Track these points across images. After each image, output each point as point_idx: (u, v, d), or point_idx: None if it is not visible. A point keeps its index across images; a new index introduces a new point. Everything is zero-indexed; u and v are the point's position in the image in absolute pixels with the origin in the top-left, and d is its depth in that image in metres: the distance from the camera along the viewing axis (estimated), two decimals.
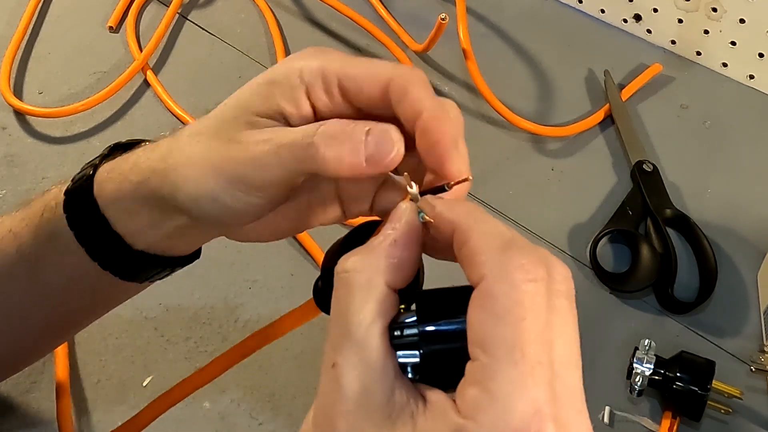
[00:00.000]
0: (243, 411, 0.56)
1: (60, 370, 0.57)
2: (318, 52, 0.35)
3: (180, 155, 0.36)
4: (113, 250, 0.39)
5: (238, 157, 0.34)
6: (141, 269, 0.41)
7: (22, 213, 0.42)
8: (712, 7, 0.72)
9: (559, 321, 0.26)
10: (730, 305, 0.61)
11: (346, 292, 0.28)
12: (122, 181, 0.38)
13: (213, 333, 0.60)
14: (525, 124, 0.72)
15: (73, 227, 0.39)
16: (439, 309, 0.29)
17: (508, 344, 0.25)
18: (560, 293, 0.27)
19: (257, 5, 0.83)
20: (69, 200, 0.39)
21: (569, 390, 0.26)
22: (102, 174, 0.39)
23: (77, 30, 0.82)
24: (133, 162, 0.38)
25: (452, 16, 0.73)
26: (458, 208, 0.30)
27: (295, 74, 0.34)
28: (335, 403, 0.27)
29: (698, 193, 0.67)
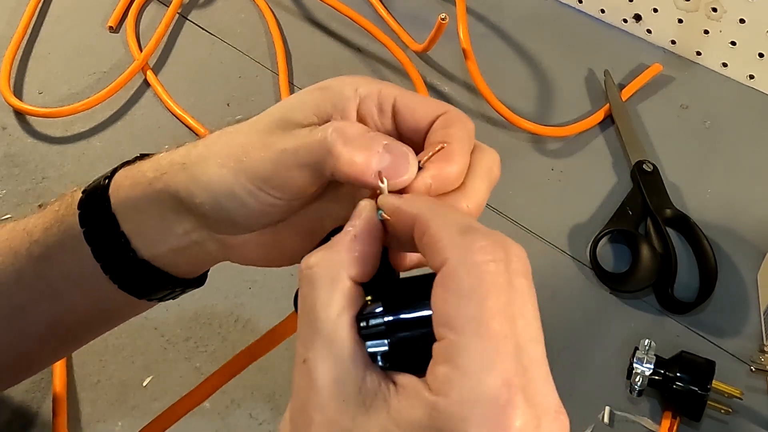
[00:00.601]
0: (243, 411, 0.56)
1: (58, 385, 0.56)
2: (375, 79, 0.36)
3: (204, 149, 0.36)
4: (118, 254, 0.39)
5: (260, 155, 0.34)
6: (143, 281, 0.40)
7: (40, 212, 0.42)
8: (712, 7, 0.72)
9: (520, 298, 0.27)
10: (730, 305, 0.61)
11: (311, 288, 0.29)
12: (138, 178, 0.38)
13: (213, 333, 0.60)
14: (525, 124, 0.72)
15: (83, 224, 0.39)
16: (403, 297, 0.29)
17: (474, 321, 0.26)
18: (519, 272, 0.28)
19: (257, 5, 0.83)
20: (84, 198, 0.39)
21: (535, 361, 0.27)
22: (121, 173, 0.39)
23: (77, 30, 0.82)
24: (153, 159, 0.38)
25: (452, 16, 0.73)
26: (417, 201, 0.30)
27: (351, 87, 0.34)
28: (309, 397, 0.28)
29: (698, 193, 0.67)
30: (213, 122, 0.73)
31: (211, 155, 0.35)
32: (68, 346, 0.54)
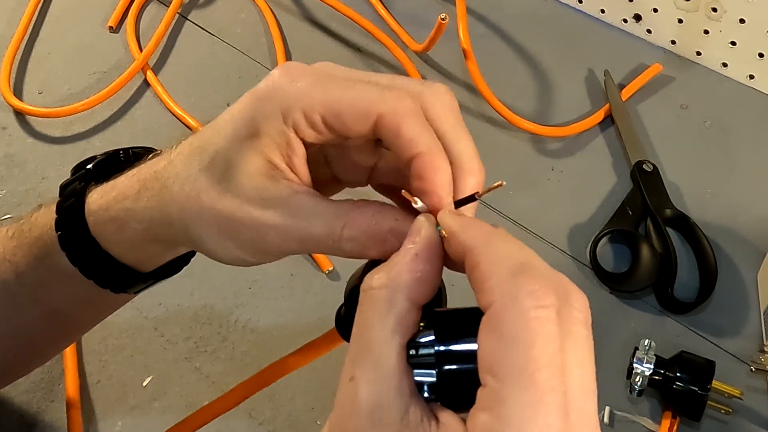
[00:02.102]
0: (243, 411, 0.56)
1: (70, 387, 0.56)
2: (293, 77, 0.33)
3: (186, 213, 0.35)
4: (123, 278, 0.39)
5: (256, 236, 0.33)
6: (142, 282, 0.41)
7: (13, 240, 0.41)
8: (712, 7, 0.72)
9: (575, 348, 0.26)
10: (730, 305, 0.61)
11: (369, 308, 0.28)
12: (123, 225, 0.37)
13: (213, 333, 0.60)
14: (525, 124, 0.71)
15: (76, 263, 0.39)
16: (456, 329, 0.28)
17: (518, 370, 0.25)
18: (577, 320, 0.27)
19: (257, 5, 0.83)
20: (64, 236, 0.38)
21: (584, 417, 0.26)
22: (94, 208, 0.38)
23: (77, 30, 0.82)
24: (127, 208, 0.37)
25: (452, 16, 0.73)
26: (472, 229, 0.29)
27: (279, 121, 0.32)
28: (350, 417, 0.27)
29: (698, 193, 0.67)
30: None
31: (202, 223, 0.34)
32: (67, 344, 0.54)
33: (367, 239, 0.31)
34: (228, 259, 0.35)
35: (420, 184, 0.31)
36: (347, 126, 0.32)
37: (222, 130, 0.34)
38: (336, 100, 0.32)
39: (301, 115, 0.32)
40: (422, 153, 0.31)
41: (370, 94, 0.32)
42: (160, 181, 0.36)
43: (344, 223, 0.32)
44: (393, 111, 0.31)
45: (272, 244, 0.33)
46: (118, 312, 0.57)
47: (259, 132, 0.33)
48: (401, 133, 0.31)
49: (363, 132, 0.32)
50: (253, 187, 0.33)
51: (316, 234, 0.32)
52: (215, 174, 0.34)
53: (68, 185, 0.40)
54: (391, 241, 0.31)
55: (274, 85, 0.33)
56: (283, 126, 0.32)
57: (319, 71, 0.33)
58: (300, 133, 0.33)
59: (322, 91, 0.32)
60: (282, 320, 0.60)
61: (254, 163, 0.33)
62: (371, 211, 0.32)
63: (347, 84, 0.32)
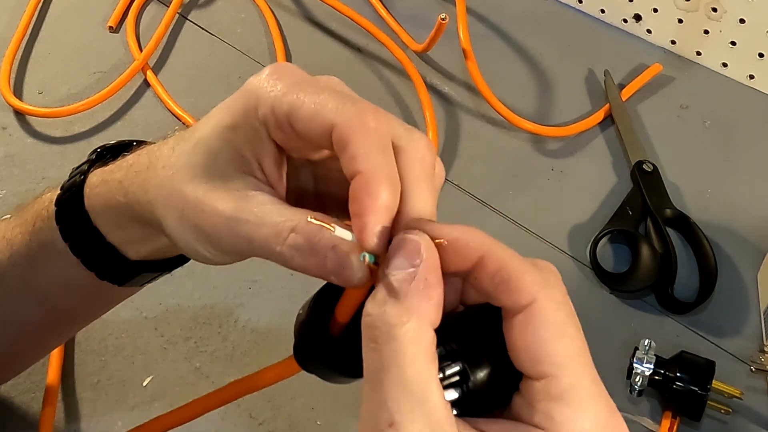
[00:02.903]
0: (243, 411, 0.56)
1: (51, 376, 0.56)
2: (279, 76, 0.32)
3: (159, 192, 0.34)
4: (108, 261, 0.39)
5: (209, 226, 0.32)
6: (138, 275, 0.41)
7: (15, 220, 0.42)
8: (712, 7, 0.72)
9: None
10: (730, 305, 0.61)
11: (397, 346, 0.26)
12: (110, 197, 0.37)
13: (213, 333, 0.60)
14: (525, 124, 0.71)
15: (66, 239, 0.39)
16: (471, 339, 0.28)
17: (576, 357, 0.27)
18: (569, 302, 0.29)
19: (257, 5, 0.83)
20: (60, 211, 0.39)
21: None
22: (92, 183, 0.39)
23: (77, 30, 0.82)
24: (119, 180, 0.37)
25: (452, 16, 0.73)
26: (475, 235, 0.28)
27: (254, 116, 0.32)
28: None
29: (698, 193, 0.67)
30: None
31: (168, 207, 0.34)
32: (62, 339, 0.54)
33: (309, 250, 0.30)
34: (186, 250, 0.34)
35: (351, 206, 0.29)
36: (306, 132, 0.31)
37: (211, 117, 0.34)
38: (299, 102, 0.30)
39: (270, 112, 0.31)
40: (361, 173, 0.29)
41: (332, 103, 0.30)
42: (150, 156, 0.36)
43: (292, 227, 0.30)
44: (346, 123, 0.29)
45: (223, 240, 0.32)
46: (118, 312, 0.57)
47: (237, 124, 0.33)
48: (347, 148, 0.29)
49: (318, 140, 0.31)
50: (221, 176, 0.32)
51: (263, 235, 0.31)
52: (192, 157, 0.33)
53: (78, 167, 0.40)
54: (331, 259, 0.29)
55: (260, 80, 0.32)
56: (257, 122, 0.32)
57: (301, 76, 0.32)
58: (270, 131, 0.32)
59: (293, 92, 0.31)
60: (282, 320, 0.60)
61: (227, 152, 0.33)
62: (329, 221, 0.30)
63: (321, 91, 0.31)
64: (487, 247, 0.28)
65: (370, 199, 0.28)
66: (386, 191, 0.28)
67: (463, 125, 0.73)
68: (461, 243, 0.28)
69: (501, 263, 0.28)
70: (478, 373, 0.28)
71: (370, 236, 0.28)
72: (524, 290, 0.27)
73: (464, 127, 0.73)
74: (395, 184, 0.29)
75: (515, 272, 0.27)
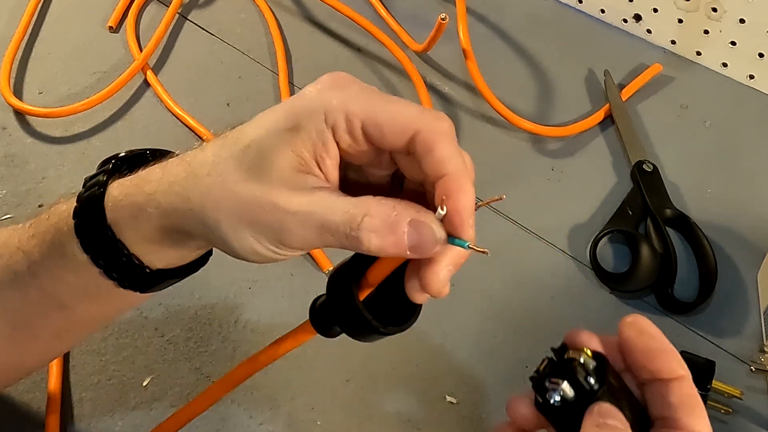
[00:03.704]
0: (243, 411, 0.56)
1: (53, 384, 0.56)
2: (340, 85, 0.35)
3: (206, 198, 0.35)
4: (131, 270, 0.39)
5: (275, 222, 0.34)
6: (161, 282, 0.41)
7: (30, 230, 0.41)
8: (712, 7, 0.72)
9: None
10: (730, 305, 0.61)
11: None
12: (138, 210, 0.37)
13: (213, 333, 0.60)
14: (525, 124, 0.72)
15: (88, 251, 0.38)
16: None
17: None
18: None
19: (257, 5, 0.83)
20: (80, 223, 0.39)
21: None
22: (113, 196, 0.38)
23: (77, 30, 0.82)
24: (148, 193, 0.37)
25: (452, 16, 0.73)
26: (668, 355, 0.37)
27: (320, 119, 0.34)
28: None
29: (698, 193, 0.67)
30: (213, 122, 0.73)
31: (223, 214, 0.35)
32: (79, 340, 0.54)
33: (386, 230, 0.33)
34: (243, 250, 0.35)
35: (445, 201, 0.33)
36: (385, 137, 0.34)
37: (262, 122, 0.35)
38: (379, 110, 0.34)
39: (342, 118, 0.34)
40: (450, 174, 0.33)
41: (410, 110, 0.34)
42: (187, 166, 0.36)
43: (365, 211, 0.33)
44: (429, 129, 0.34)
45: (291, 233, 0.34)
46: None
47: (299, 126, 0.34)
48: (434, 152, 0.34)
49: (398, 145, 0.34)
50: (279, 177, 0.34)
51: (336, 222, 0.33)
52: (244, 161, 0.34)
53: (93, 177, 0.40)
54: (410, 234, 0.33)
55: (321, 87, 0.35)
56: (323, 125, 0.34)
57: (366, 85, 0.35)
58: (337, 136, 0.34)
59: (366, 100, 0.34)
60: (282, 320, 0.60)
61: (286, 155, 0.34)
62: (392, 203, 0.33)
63: (390, 99, 0.34)
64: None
65: (464, 196, 0.33)
66: (472, 189, 0.34)
67: (463, 125, 0.73)
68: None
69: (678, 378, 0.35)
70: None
71: (468, 228, 0.33)
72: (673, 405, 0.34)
73: (464, 127, 0.73)
74: (472, 181, 0.34)
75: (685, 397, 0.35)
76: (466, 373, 0.57)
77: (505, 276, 0.62)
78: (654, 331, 0.36)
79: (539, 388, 0.34)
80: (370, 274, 0.36)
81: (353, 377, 0.57)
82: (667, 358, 0.36)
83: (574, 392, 0.33)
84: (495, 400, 0.56)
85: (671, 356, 0.36)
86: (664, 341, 0.36)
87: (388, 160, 0.36)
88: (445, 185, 0.33)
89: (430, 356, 0.58)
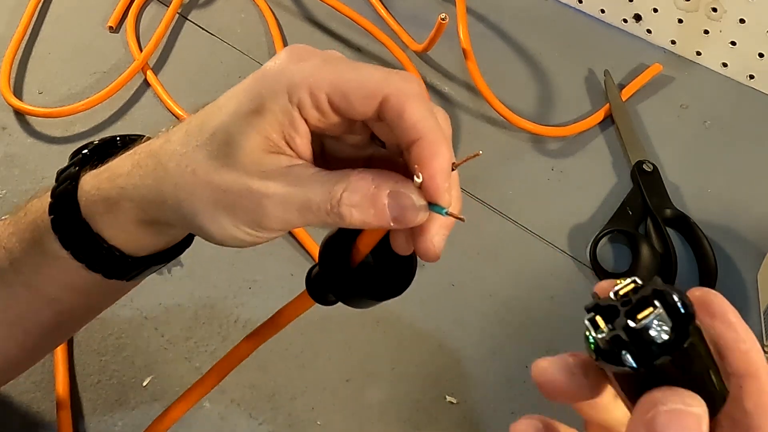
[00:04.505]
0: (243, 411, 0.56)
1: (60, 385, 0.56)
2: (301, 58, 0.33)
3: (180, 190, 0.35)
4: (114, 261, 0.39)
5: (253, 206, 0.33)
6: (146, 269, 0.41)
7: (10, 227, 0.41)
8: (712, 7, 0.72)
9: None
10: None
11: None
12: (112, 204, 0.37)
13: (213, 333, 0.60)
14: (525, 124, 0.72)
15: (67, 246, 0.38)
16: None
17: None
18: None
19: (257, 5, 0.83)
20: (56, 220, 0.38)
21: None
22: (86, 190, 0.38)
23: (77, 30, 0.82)
24: (120, 186, 0.37)
25: (452, 16, 0.73)
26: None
27: (284, 98, 0.33)
28: None
29: (698, 193, 0.67)
30: None
31: (198, 202, 0.34)
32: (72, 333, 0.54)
33: (366, 203, 0.32)
34: (223, 237, 0.35)
35: (419, 169, 0.32)
36: (353, 106, 0.32)
37: (224, 107, 0.34)
38: (343, 79, 0.32)
39: (307, 93, 0.32)
40: (423, 138, 0.32)
41: (376, 75, 0.33)
42: (155, 158, 0.36)
43: (344, 187, 0.32)
44: (398, 92, 0.32)
45: (271, 216, 0.33)
46: (118, 312, 0.57)
47: (264, 108, 0.33)
48: (405, 115, 0.32)
49: (368, 113, 0.33)
50: (251, 161, 0.33)
51: (316, 200, 0.32)
52: (213, 149, 0.34)
53: (65, 170, 0.40)
54: (391, 206, 0.32)
55: (281, 63, 0.34)
56: (288, 104, 0.33)
57: (326, 54, 0.34)
58: (304, 113, 0.33)
59: (329, 71, 0.33)
60: None
61: (253, 138, 0.33)
62: (371, 176, 0.33)
63: (354, 65, 0.33)
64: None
65: (437, 160, 0.32)
66: (448, 151, 0.32)
67: (463, 125, 0.73)
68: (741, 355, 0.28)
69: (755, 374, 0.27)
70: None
71: (445, 194, 0.32)
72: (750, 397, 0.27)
73: (464, 127, 0.73)
74: (450, 143, 0.33)
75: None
76: (466, 373, 0.57)
77: (505, 276, 0.62)
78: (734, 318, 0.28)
79: (609, 322, 0.25)
80: (360, 242, 0.36)
81: (353, 377, 0.57)
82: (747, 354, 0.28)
83: (672, 322, 0.24)
84: (495, 400, 0.56)
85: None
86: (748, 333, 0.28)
87: (362, 126, 0.35)
88: (418, 151, 0.32)
89: (430, 356, 0.58)
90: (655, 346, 0.24)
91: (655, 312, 0.24)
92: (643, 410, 0.24)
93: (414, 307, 0.60)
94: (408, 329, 0.60)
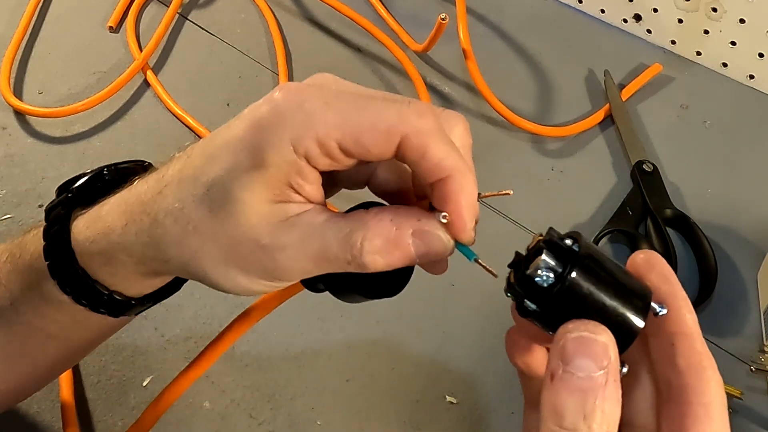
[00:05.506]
0: (243, 411, 0.56)
1: (65, 388, 0.56)
2: (300, 96, 0.30)
3: (183, 250, 0.33)
4: (119, 305, 0.38)
5: (266, 261, 0.31)
6: (139, 306, 0.40)
7: (8, 264, 0.39)
8: (712, 7, 0.72)
9: None
10: (730, 305, 0.61)
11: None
12: (110, 257, 0.35)
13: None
14: (525, 124, 0.72)
15: (67, 292, 0.37)
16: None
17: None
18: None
19: (257, 5, 0.83)
20: (54, 266, 0.37)
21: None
22: (80, 240, 0.36)
23: (77, 30, 0.82)
24: (117, 242, 0.35)
25: (452, 16, 0.73)
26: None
27: (289, 151, 0.30)
28: None
29: (698, 193, 0.67)
30: (213, 122, 0.73)
31: (202, 258, 0.32)
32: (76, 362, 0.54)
33: (390, 247, 0.30)
34: (238, 291, 0.33)
35: (445, 205, 0.31)
36: (368, 150, 0.30)
37: (217, 159, 0.31)
38: (353, 123, 0.30)
39: (314, 143, 0.30)
40: (451, 176, 0.30)
41: (387, 114, 0.30)
42: (150, 215, 0.33)
43: (362, 235, 0.30)
44: (417, 132, 0.30)
45: (286, 268, 0.31)
46: None
47: (265, 163, 0.30)
48: (427, 156, 0.30)
49: (384, 155, 0.30)
50: (257, 214, 0.31)
51: (333, 250, 0.30)
52: (213, 205, 0.31)
53: (52, 209, 0.38)
54: (416, 245, 0.31)
55: (278, 110, 0.30)
56: (293, 156, 0.30)
57: (325, 90, 0.31)
58: (313, 161, 0.30)
59: (335, 113, 0.30)
60: (282, 320, 0.60)
61: (257, 191, 0.31)
62: (389, 215, 0.31)
63: (359, 102, 0.30)
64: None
65: (464, 196, 0.31)
66: (474, 185, 0.31)
67: None
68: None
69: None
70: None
71: (471, 232, 0.31)
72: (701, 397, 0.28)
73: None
74: (473, 173, 0.32)
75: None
76: (466, 373, 0.57)
77: (505, 276, 0.62)
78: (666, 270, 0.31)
79: (521, 282, 0.29)
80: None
81: (353, 377, 0.57)
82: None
83: (555, 259, 0.28)
84: (495, 400, 0.56)
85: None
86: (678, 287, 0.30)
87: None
88: (443, 187, 0.30)
89: (430, 356, 0.58)
90: (547, 286, 0.28)
91: (542, 258, 0.28)
92: (556, 340, 0.27)
93: (414, 307, 0.60)
94: (408, 329, 0.60)
